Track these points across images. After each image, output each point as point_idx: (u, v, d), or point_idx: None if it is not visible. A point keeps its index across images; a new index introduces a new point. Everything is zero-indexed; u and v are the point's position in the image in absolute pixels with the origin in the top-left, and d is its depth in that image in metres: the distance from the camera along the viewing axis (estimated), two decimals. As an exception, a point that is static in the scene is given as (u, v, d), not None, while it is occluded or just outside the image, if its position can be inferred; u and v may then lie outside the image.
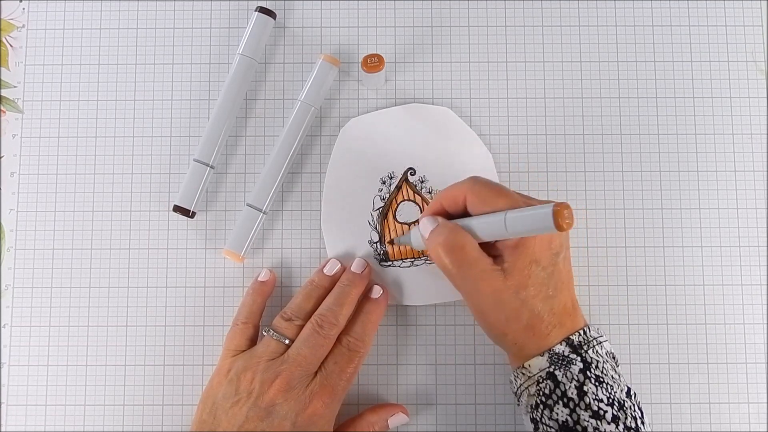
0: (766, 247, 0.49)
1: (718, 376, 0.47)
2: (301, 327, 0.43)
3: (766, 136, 0.50)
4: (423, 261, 0.48)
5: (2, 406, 0.47)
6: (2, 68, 0.50)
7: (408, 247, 0.48)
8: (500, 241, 0.41)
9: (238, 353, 0.44)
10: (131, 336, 0.48)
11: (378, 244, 0.48)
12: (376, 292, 0.46)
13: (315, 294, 0.45)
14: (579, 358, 0.40)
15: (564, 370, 0.40)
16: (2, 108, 0.50)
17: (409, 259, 0.48)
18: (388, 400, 0.47)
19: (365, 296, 0.46)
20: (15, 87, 0.50)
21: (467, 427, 0.47)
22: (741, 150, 0.50)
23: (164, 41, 0.50)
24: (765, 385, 0.48)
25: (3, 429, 0.47)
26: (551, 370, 0.40)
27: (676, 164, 0.49)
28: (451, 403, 0.47)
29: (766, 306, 0.48)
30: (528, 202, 0.40)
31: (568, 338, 0.40)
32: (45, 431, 0.47)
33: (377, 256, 0.48)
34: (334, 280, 0.46)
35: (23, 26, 0.51)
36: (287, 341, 0.43)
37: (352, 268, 0.46)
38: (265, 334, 0.44)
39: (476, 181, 0.41)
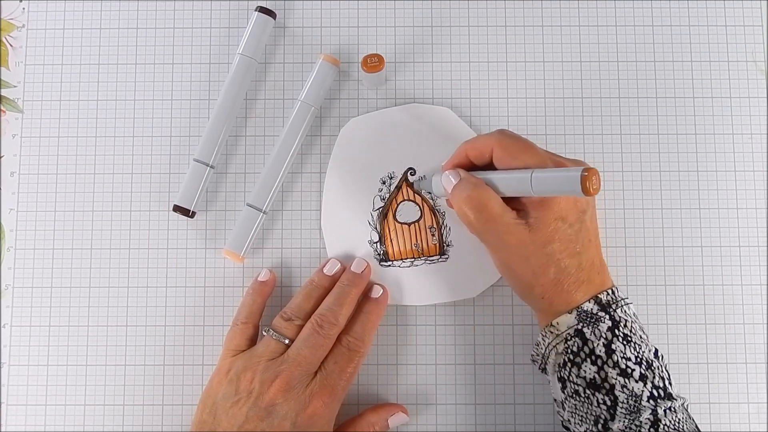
0: (766, 247, 0.49)
1: (718, 376, 0.47)
2: (301, 327, 0.43)
3: (766, 136, 0.50)
4: (423, 261, 0.48)
5: (2, 406, 0.47)
6: (2, 68, 0.50)
7: (408, 246, 0.48)
8: (525, 197, 0.41)
9: (238, 353, 0.44)
10: (131, 336, 0.48)
11: (378, 244, 0.48)
12: (376, 291, 0.46)
13: (315, 294, 0.45)
14: (607, 316, 0.40)
15: (592, 327, 0.40)
16: (2, 108, 0.50)
17: (408, 259, 0.48)
18: (388, 400, 0.47)
19: (365, 296, 0.46)
20: (15, 87, 0.50)
21: (467, 427, 0.47)
22: (741, 150, 0.50)
23: (164, 41, 0.50)
24: (765, 385, 0.48)
25: (3, 429, 0.47)
26: (579, 327, 0.40)
27: (676, 164, 0.49)
28: (451, 403, 0.47)
29: (766, 306, 0.48)
30: (555, 159, 0.41)
31: (596, 297, 0.41)
32: (45, 431, 0.47)
33: (377, 256, 0.48)
34: (334, 279, 0.46)
35: (23, 26, 0.51)
36: (287, 341, 0.43)
37: (352, 268, 0.46)
38: (264, 334, 0.44)
39: (505, 134, 0.41)
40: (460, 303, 0.48)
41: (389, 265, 0.48)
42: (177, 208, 0.47)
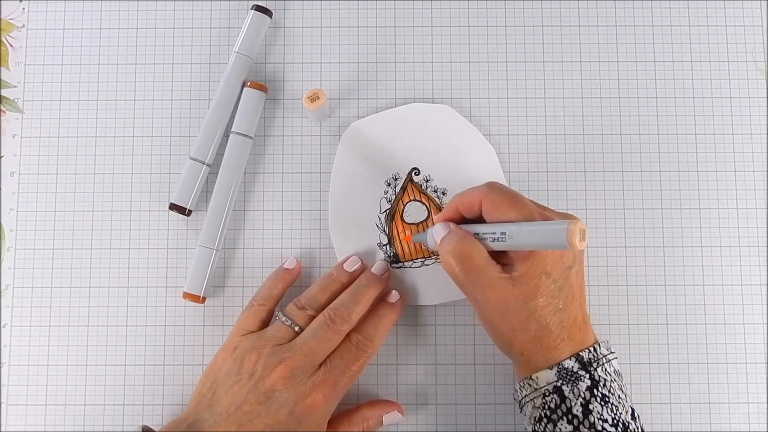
0: (766, 247, 0.49)
1: (718, 376, 0.47)
2: (313, 317, 0.43)
3: (766, 136, 0.50)
4: (433, 260, 0.47)
5: (2, 406, 0.47)
6: (2, 68, 0.50)
7: (417, 246, 0.48)
8: (512, 250, 0.40)
9: (248, 333, 0.44)
10: (131, 336, 0.48)
11: (387, 246, 0.48)
12: (393, 296, 0.46)
13: (331, 287, 0.45)
14: (587, 375, 0.40)
15: (571, 386, 0.39)
16: (2, 108, 0.50)
17: (419, 259, 0.48)
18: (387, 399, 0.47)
19: (381, 299, 0.46)
20: (15, 87, 0.50)
21: (467, 427, 0.47)
22: (741, 150, 0.50)
23: (164, 41, 0.50)
24: (765, 385, 0.48)
25: (3, 429, 0.47)
26: (558, 384, 0.40)
27: (676, 164, 0.49)
28: (450, 403, 0.47)
29: (766, 306, 0.48)
30: (543, 213, 0.40)
31: (578, 354, 0.40)
32: (45, 431, 0.47)
33: (387, 259, 0.48)
34: (353, 277, 0.46)
35: (23, 26, 0.51)
36: (297, 328, 0.43)
37: (373, 270, 0.46)
38: (276, 318, 0.44)
39: (492, 188, 0.41)
40: (460, 303, 0.48)
41: (400, 267, 0.48)
42: (173, 207, 0.47)
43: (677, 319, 0.48)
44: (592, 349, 0.41)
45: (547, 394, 0.40)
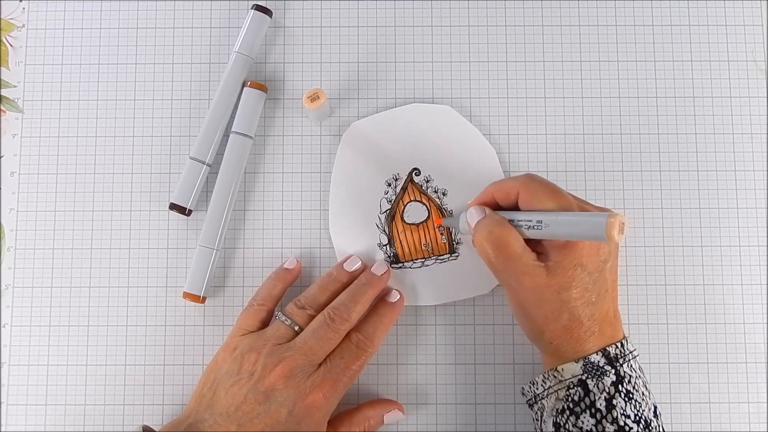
0: (766, 247, 0.49)
1: (718, 376, 0.47)
2: (313, 317, 0.43)
3: (766, 136, 0.50)
4: (434, 260, 0.47)
5: (2, 406, 0.47)
6: (2, 68, 0.50)
7: (417, 246, 0.48)
8: (547, 240, 0.41)
9: (248, 333, 0.44)
10: (131, 336, 0.48)
11: (387, 246, 0.48)
12: (394, 296, 0.46)
13: (331, 287, 0.45)
14: (613, 371, 0.40)
15: (596, 380, 0.40)
16: (2, 108, 0.50)
17: (419, 260, 0.48)
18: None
19: (381, 299, 0.46)
20: (15, 87, 0.50)
21: (467, 427, 0.47)
22: (741, 150, 0.50)
23: (164, 41, 0.50)
24: (765, 384, 0.48)
25: (3, 429, 0.47)
26: (583, 378, 0.40)
27: (676, 164, 0.49)
28: (451, 403, 0.47)
29: (766, 306, 0.48)
30: (582, 206, 0.41)
31: (605, 349, 0.40)
32: (45, 431, 0.47)
33: (387, 259, 0.48)
34: (353, 276, 0.46)
35: (23, 26, 0.51)
36: (297, 328, 0.43)
37: (373, 269, 0.46)
38: (276, 318, 0.44)
39: (531, 179, 0.41)
40: (460, 303, 0.48)
41: (400, 267, 0.48)
42: (173, 206, 0.47)
43: (677, 319, 0.48)
44: (619, 344, 0.41)
45: (572, 386, 0.40)
